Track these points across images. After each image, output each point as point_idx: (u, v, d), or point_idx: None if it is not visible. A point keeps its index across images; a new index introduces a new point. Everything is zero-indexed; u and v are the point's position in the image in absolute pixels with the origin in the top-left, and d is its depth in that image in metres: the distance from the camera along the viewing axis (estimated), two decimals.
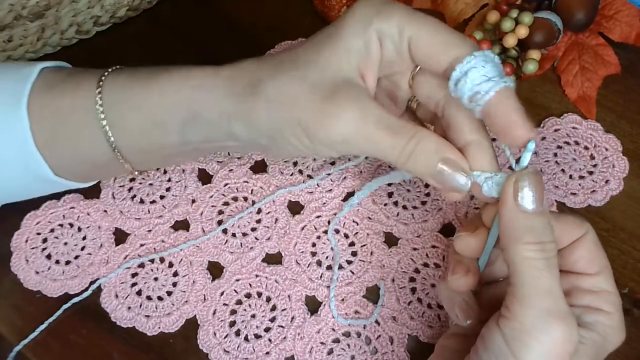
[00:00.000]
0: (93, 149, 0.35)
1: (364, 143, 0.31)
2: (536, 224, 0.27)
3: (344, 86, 0.31)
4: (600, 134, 0.45)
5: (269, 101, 0.31)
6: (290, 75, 0.31)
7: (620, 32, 0.49)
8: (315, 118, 0.31)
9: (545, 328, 0.26)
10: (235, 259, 0.40)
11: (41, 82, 0.35)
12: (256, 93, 0.32)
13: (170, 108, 0.34)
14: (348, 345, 0.37)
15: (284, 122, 0.32)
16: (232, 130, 0.33)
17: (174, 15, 0.53)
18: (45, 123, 0.34)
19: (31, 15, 0.46)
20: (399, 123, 0.30)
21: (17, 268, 0.40)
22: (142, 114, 0.34)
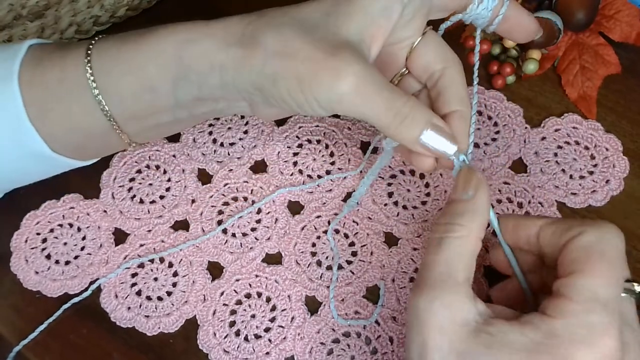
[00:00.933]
0: (87, 118, 0.34)
1: (361, 102, 0.31)
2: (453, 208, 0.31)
3: (347, 46, 0.31)
4: (601, 133, 0.45)
5: (267, 50, 0.31)
6: (293, 30, 0.31)
7: (620, 32, 0.49)
8: (315, 71, 0.30)
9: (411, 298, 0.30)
10: (235, 259, 0.40)
11: (30, 57, 0.34)
12: (254, 42, 0.31)
13: (160, 65, 0.33)
14: (348, 346, 0.37)
15: (280, 73, 0.31)
16: (224, 82, 0.33)
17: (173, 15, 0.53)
18: (37, 96, 0.34)
19: (31, 15, 0.46)
20: (395, 88, 0.31)
21: (16, 268, 0.40)
22: (133, 77, 0.34)
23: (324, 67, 0.30)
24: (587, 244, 0.29)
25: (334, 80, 0.30)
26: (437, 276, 0.29)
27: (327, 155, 0.45)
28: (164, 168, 0.44)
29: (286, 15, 0.32)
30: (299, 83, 0.31)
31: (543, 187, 0.43)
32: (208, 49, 0.32)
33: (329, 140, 0.45)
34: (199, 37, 0.33)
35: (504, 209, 0.42)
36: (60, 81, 0.34)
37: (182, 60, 0.33)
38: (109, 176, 0.44)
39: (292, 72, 0.31)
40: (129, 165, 0.44)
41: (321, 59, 0.30)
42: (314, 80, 0.30)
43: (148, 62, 0.33)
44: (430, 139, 0.32)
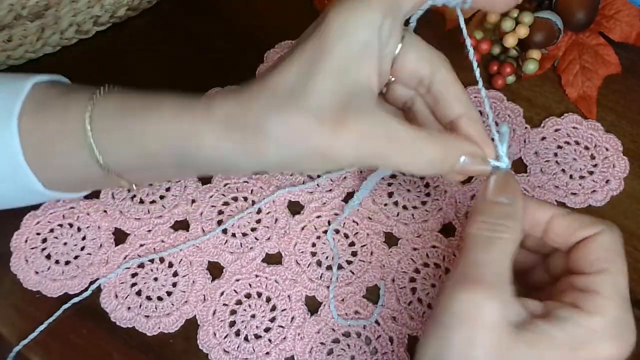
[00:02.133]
0: (85, 170, 0.34)
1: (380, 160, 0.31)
2: (496, 209, 0.30)
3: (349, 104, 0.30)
4: (601, 133, 0.45)
5: (276, 139, 0.30)
6: (293, 110, 0.30)
7: (620, 31, 0.49)
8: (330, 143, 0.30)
9: (455, 292, 0.28)
10: (235, 259, 0.40)
11: (32, 100, 0.34)
12: (258, 132, 0.30)
13: (163, 146, 0.32)
14: (348, 346, 0.37)
15: (299, 156, 0.31)
16: (230, 165, 0.32)
17: (174, 15, 0.53)
18: (36, 143, 0.34)
19: (31, 15, 0.46)
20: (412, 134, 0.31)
21: (16, 268, 0.40)
22: (135, 147, 0.33)
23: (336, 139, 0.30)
24: (608, 244, 0.30)
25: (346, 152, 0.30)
26: (489, 275, 0.29)
27: None
28: None
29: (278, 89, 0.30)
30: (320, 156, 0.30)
31: (543, 187, 0.43)
32: (214, 142, 0.31)
33: None
34: (203, 128, 0.31)
35: None
36: (60, 135, 0.34)
37: (185, 147, 0.32)
38: None
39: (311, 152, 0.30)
40: None
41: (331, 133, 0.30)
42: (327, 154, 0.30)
43: (150, 140, 0.33)
44: (466, 167, 0.32)
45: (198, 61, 0.50)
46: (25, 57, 0.48)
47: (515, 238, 0.30)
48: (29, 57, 0.48)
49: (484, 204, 0.31)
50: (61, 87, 0.36)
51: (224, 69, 0.49)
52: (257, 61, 0.50)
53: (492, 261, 0.29)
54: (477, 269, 0.29)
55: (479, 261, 0.29)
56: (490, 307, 0.28)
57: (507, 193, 0.31)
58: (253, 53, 0.50)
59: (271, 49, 0.50)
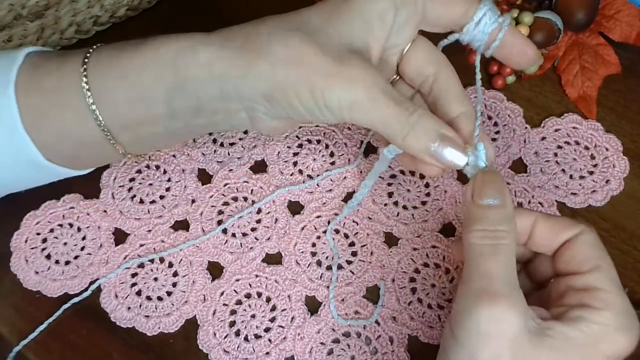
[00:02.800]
0: (80, 127, 0.34)
1: (371, 110, 0.31)
2: (490, 215, 0.30)
3: (353, 53, 0.31)
4: (601, 133, 0.45)
5: (274, 57, 0.30)
6: (299, 37, 0.31)
7: (620, 31, 0.49)
8: (327, 79, 0.30)
9: (473, 309, 0.28)
10: (235, 259, 0.40)
11: (27, 65, 0.34)
12: (258, 50, 0.31)
13: (155, 74, 0.32)
14: (348, 346, 0.37)
15: (290, 81, 0.31)
16: (223, 91, 0.32)
17: (173, 15, 0.53)
18: (33, 103, 0.34)
19: (31, 15, 0.46)
20: (402, 97, 0.32)
21: (16, 268, 0.40)
22: (127, 84, 0.33)
23: (336, 75, 0.30)
24: (593, 242, 0.31)
25: (346, 88, 0.30)
26: (503, 286, 0.28)
27: (327, 155, 0.45)
28: (164, 168, 0.44)
29: (287, 21, 0.32)
30: (311, 91, 0.31)
31: (543, 187, 0.43)
32: (207, 58, 0.32)
33: (329, 140, 0.45)
34: (197, 45, 0.32)
35: None
36: (56, 89, 0.34)
37: (178, 69, 0.32)
38: (109, 176, 0.44)
39: (303, 80, 0.31)
40: (129, 165, 0.44)
41: (332, 67, 0.30)
42: (326, 88, 0.30)
43: (142, 70, 0.33)
44: (440, 150, 0.31)
45: None
46: None
47: (514, 240, 0.30)
48: None
49: (476, 209, 0.30)
50: (56, 52, 0.36)
51: None
52: None
53: (502, 271, 0.29)
54: (490, 282, 0.28)
55: (489, 273, 0.29)
56: (511, 319, 0.27)
57: (496, 193, 0.30)
58: None
59: None
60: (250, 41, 0.31)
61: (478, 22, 0.34)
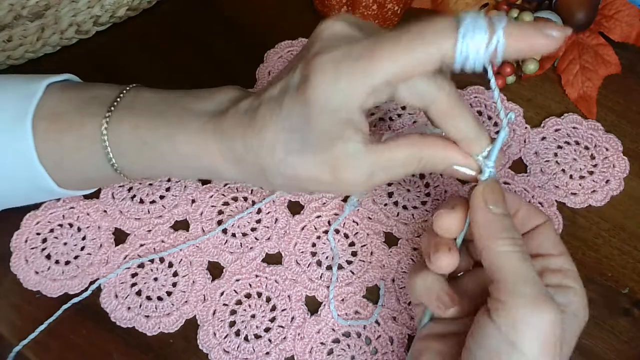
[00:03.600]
0: (100, 174, 0.36)
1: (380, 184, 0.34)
2: (506, 222, 0.30)
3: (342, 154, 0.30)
4: (601, 133, 0.45)
5: (279, 185, 0.33)
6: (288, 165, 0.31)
7: (620, 31, 0.49)
8: (329, 188, 0.32)
9: (536, 313, 0.28)
10: (235, 259, 0.40)
11: (46, 106, 0.35)
12: (265, 177, 0.33)
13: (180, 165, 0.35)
14: (348, 346, 0.37)
15: (300, 189, 0.33)
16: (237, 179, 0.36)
17: (173, 15, 0.53)
18: (51, 149, 0.35)
19: (31, 15, 0.46)
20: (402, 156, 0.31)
21: (16, 268, 0.40)
22: (153, 167, 0.36)
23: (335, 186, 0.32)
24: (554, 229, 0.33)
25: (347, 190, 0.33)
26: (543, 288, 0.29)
27: None
28: None
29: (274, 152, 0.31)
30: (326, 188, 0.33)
31: (543, 187, 0.43)
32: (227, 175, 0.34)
33: None
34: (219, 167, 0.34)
35: None
36: (76, 145, 0.35)
37: (196, 164, 0.34)
38: None
39: (310, 188, 0.33)
40: None
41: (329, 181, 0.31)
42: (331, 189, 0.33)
43: (170, 164, 0.35)
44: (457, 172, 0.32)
45: (198, 61, 0.50)
46: (25, 57, 0.48)
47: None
48: (29, 57, 0.48)
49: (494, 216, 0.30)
50: (74, 93, 0.36)
51: (224, 68, 0.49)
52: (257, 61, 0.50)
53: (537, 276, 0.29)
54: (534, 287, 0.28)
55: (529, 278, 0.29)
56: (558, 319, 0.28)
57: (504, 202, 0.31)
58: (253, 53, 0.50)
59: (271, 49, 0.50)
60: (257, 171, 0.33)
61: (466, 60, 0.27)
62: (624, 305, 0.39)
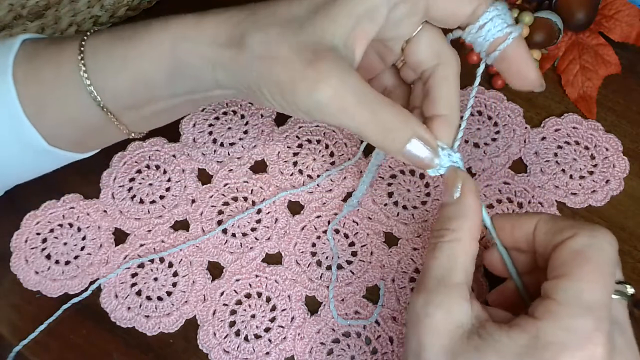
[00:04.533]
0: (83, 112, 0.35)
1: (340, 114, 0.30)
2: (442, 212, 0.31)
3: (330, 53, 0.30)
4: (601, 133, 0.45)
5: (253, 52, 0.31)
6: (278, 32, 0.31)
7: (620, 31, 0.49)
8: (293, 80, 0.30)
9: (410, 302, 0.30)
10: (235, 259, 0.40)
11: (23, 53, 0.34)
12: (241, 44, 0.31)
13: (154, 60, 0.33)
14: (348, 346, 0.37)
15: (262, 77, 0.31)
16: (216, 78, 0.33)
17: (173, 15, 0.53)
18: (33, 93, 0.34)
19: (31, 15, 0.46)
20: (379, 98, 0.30)
21: (16, 268, 0.40)
22: (127, 72, 0.34)
23: (302, 76, 0.30)
24: (577, 247, 0.29)
25: (311, 91, 0.30)
26: (432, 279, 0.29)
27: (327, 155, 0.45)
28: (164, 168, 0.44)
29: (274, 14, 0.32)
30: (279, 89, 0.30)
31: (543, 187, 0.43)
32: (201, 46, 0.32)
33: (329, 140, 0.45)
34: (192, 33, 0.33)
35: (504, 209, 0.42)
36: (55, 78, 0.34)
37: (176, 55, 0.33)
38: (109, 176, 0.44)
39: (272, 77, 0.30)
40: (129, 165, 0.44)
41: (300, 67, 0.30)
42: (292, 88, 0.30)
43: (142, 57, 0.33)
44: (414, 150, 0.31)
45: None
46: None
47: (461, 239, 0.30)
48: None
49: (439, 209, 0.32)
50: (52, 39, 0.36)
51: None
52: None
53: (434, 266, 0.30)
54: (422, 276, 0.30)
55: (425, 268, 0.30)
56: (433, 312, 0.28)
57: (453, 190, 0.31)
58: None
59: None
60: (236, 34, 0.32)
61: (482, 26, 0.32)
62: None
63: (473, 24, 0.32)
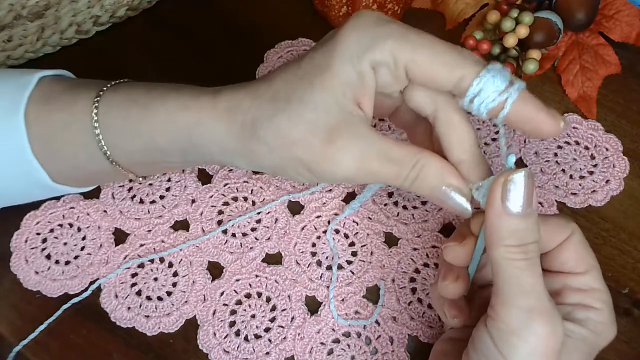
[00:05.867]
0: (91, 162, 0.35)
1: (367, 177, 0.31)
2: (521, 226, 0.27)
3: (342, 123, 0.30)
4: (601, 133, 0.45)
5: (267, 144, 0.31)
6: (286, 116, 0.30)
7: (620, 31, 0.49)
8: (317, 159, 0.31)
9: (528, 326, 0.27)
10: (235, 259, 0.40)
11: (39, 93, 0.35)
12: (254, 135, 0.31)
13: (170, 138, 0.34)
14: (348, 346, 0.37)
15: (285, 162, 0.31)
16: (234, 163, 0.34)
17: (173, 15, 0.53)
18: (43, 134, 0.34)
19: (31, 15, 0.46)
20: (401, 152, 0.30)
21: (16, 268, 0.40)
22: (141, 140, 0.34)
23: (323, 156, 0.30)
24: (583, 241, 0.31)
25: (335, 169, 0.31)
26: (548, 301, 0.27)
27: None
28: None
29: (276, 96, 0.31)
30: (305, 167, 0.31)
31: (543, 187, 0.43)
32: (216, 136, 0.32)
33: None
34: (207, 122, 0.32)
35: None
36: (67, 126, 0.34)
37: (191, 138, 0.33)
38: None
39: (295, 160, 0.31)
40: None
41: (319, 148, 0.30)
42: (317, 167, 0.31)
43: (157, 133, 0.34)
44: (447, 196, 0.30)
45: (198, 61, 0.50)
46: (25, 57, 0.48)
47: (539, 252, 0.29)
48: (29, 57, 0.48)
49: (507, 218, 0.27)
50: (68, 81, 0.37)
51: (224, 69, 0.49)
52: (257, 61, 0.50)
53: (542, 286, 0.28)
54: (538, 299, 0.27)
55: (529, 289, 0.27)
56: (560, 336, 0.27)
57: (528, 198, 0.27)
58: (253, 53, 0.50)
59: (271, 49, 0.50)
60: (248, 124, 0.31)
61: (472, 99, 0.29)
62: (624, 305, 0.39)
63: (462, 98, 0.29)
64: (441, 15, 0.52)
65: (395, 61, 0.29)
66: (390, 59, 0.29)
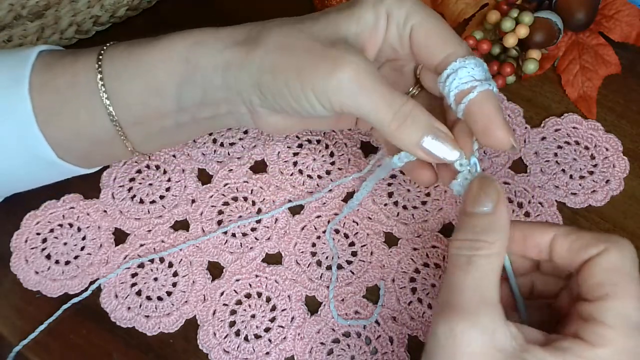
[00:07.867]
0: (94, 124, 0.35)
1: (360, 94, 0.30)
2: (475, 223, 0.28)
3: (345, 41, 0.32)
4: (601, 133, 0.45)
5: (268, 46, 0.32)
6: (293, 26, 0.32)
7: (620, 31, 0.49)
8: (314, 60, 0.30)
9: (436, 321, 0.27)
10: (235, 259, 0.40)
11: (40, 63, 0.35)
12: (256, 41, 0.32)
13: (168, 68, 0.34)
14: (348, 346, 0.37)
15: (279, 65, 0.31)
16: (225, 82, 0.33)
17: (174, 15, 0.53)
18: (46, 102, 0.34)
19: (31, 15, 0.46)
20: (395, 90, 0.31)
21: (16, 268, 0.40)
22: (141, 80, 0.34)
23: (323, 56, 0.30)
24: (613, 265, 0.27)
25: (333, 68, 0.30)
26: (469, 299, 0.27)
27: (327, 155, 0.45)
28: (164, 168, 0.44)
29: (287, 20, 0.34)
30: (298, 73, 0.31)
31: (543, 187, 0.43)
32: (213, 49, 0.33)
33: (329, 140, 0.45)
34: (207, 38, 0.34)
35: None
36: (71, 86, 0.34)
37: (188, 61, 0.34)
38: (109, 176, 0.44)
39: (291, 63, 0.31)
40: (129, 165, 0.44)
41: (320, 50, 0.31)
42: (313, 70, 0.30)
43: (156, 64, 0.34)
44: (432, 144, 0.30)
45: None
46: None
47: (497, 252, 0.28)
48: None
49: (462, 217, 0.29)
50: (68, 50, 0.37)
51: None
52: None
53: (471, 285, 0.27)
54: (455, 295, 0.27)
55: (457, 285, 0.27)
56: (469, 336, 0.26)
57: (488, 200, 0.28)
58: None
59: None
60: (252, 35, 0.33)
61: (449, 76, 0.31)
62: None
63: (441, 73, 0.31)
64: (441, 16, 0.52)
65: (405, 20, 0.32)
66: (402, 15, 0.32)
